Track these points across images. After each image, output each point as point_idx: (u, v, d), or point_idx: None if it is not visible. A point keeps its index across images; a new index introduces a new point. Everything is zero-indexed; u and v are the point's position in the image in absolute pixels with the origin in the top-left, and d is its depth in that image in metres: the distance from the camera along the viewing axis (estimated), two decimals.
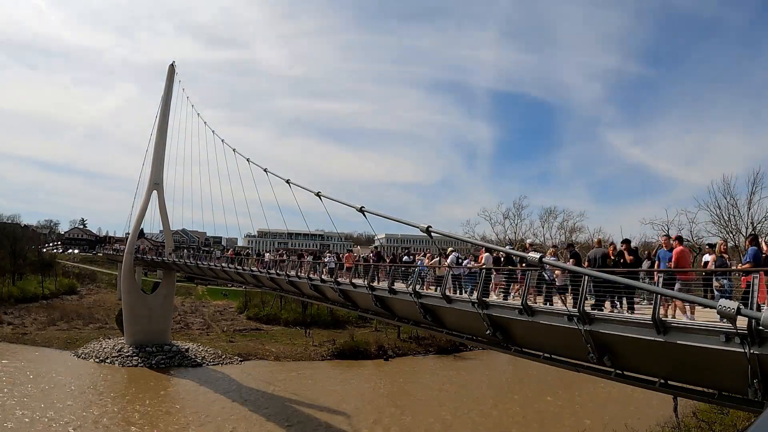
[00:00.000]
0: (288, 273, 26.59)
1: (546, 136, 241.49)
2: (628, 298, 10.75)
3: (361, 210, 9.51)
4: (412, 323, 19.06)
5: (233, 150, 42.38)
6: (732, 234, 30.71)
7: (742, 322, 7.48)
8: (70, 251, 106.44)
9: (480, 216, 70.95)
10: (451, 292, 15.04)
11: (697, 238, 33.56)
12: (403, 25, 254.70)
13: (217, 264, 38.13)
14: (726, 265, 11.06)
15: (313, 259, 27.07)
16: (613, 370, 10.73)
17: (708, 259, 11.67)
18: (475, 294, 13.34)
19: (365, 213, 9.60)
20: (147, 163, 52.76)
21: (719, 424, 22.27)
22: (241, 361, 46.63)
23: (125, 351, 44.52)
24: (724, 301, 2.48)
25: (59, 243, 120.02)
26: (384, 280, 18.62)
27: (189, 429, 29.22)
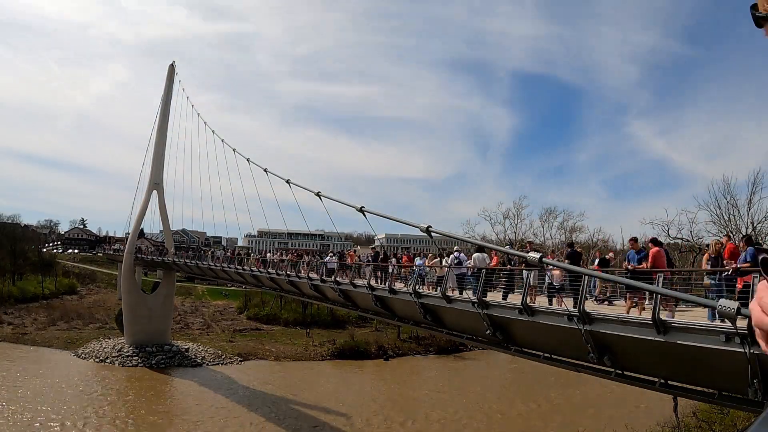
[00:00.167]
0: (288, 273, 26.61)
1: (568, 126, 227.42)
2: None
3: (361, 210, 9.47)
4: (412, 323, 19.09)
5: (233, 150, 42.90)
6: (732, 234, 30.69)
7: (741, 322, 7.49)
8: (70, 251, 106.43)
9: (480, 216, 71.00)
10: (453, 292, 15.06)
11: (697, 238, 33.58)
12: None
13: (217, 264, 38.17)
14: (721, 265, 11.06)
15: (315, 257, 27.07)
16: (613, 370, 10.75)
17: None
18: (475, 293, 13.36)
19: (365, 213, 9.58)
20: (147, 163, 52.90)
21: (719, 424, 22.28)
22: (241, 361, 46.63)
23: (125, 351, 44.54)
24: (724, 301, 2.47)
25: (59, 243, 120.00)
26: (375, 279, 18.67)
27: (189, 429, 29.23)
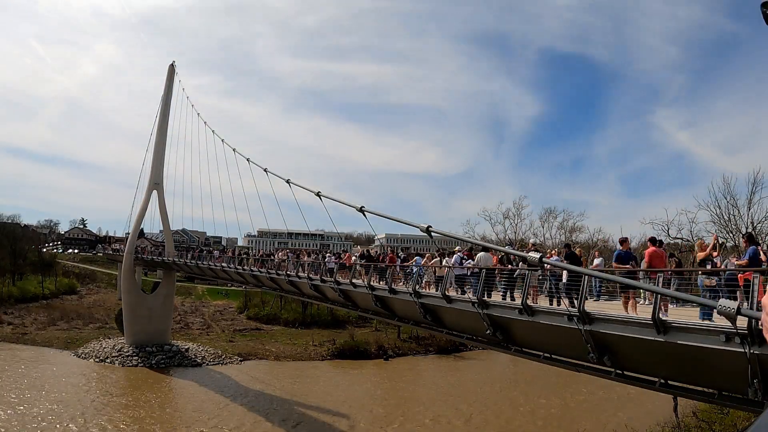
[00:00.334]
0: (288, 273, 26.61)
1: (591, 114, 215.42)
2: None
3: (361, 210, 9.47)
4: (412, 323, 19.10)
5: (233, 150, 43.09)
6: (732, 234, 30.71)
7: (741, 322, 7.48)
8: (70, 251, 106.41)
9: (480, 216, 71.07)
10: (454, 292, 15.06)
11: (696, 238, 33.56)
12: None
13: (217, 264, 38.19)
14: (714, 264, 11.08)
15: (315, 257, 27.07)
16: (613, 370, 10.74)
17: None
18: (475, 293, 13.36)
19: (365, 213, 9.58)
20: (147, 163, 52.94)
21: (719, 424, 22.28)
22: (241, 360, 46.63)
23: (125, 351, 44.54)
24: (724, 301, 2.47)
25: (59, 243, 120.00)
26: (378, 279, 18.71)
27: (189, 429, 29.22)
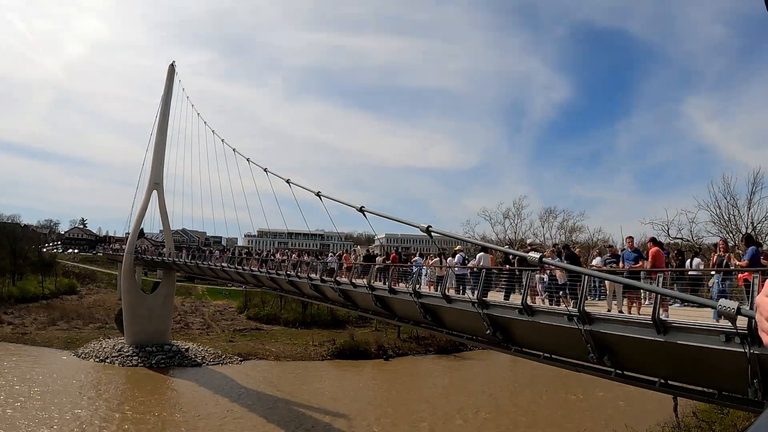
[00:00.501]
0: (288, 273, 26.62)
1: (618, 100, 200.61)
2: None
3: (361, 210, 9.49)
4: (412, 323, 19.09)
5: (233, 150, 43.24)
6: (732, 234, 30.69)
7: (741, 322, 7.48)
8: (70, 251, 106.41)
9: (480, 216, 71.06)
10: (455, 292, 15.06)
11: (697, 238, 33.56)
12: None
13: (217, 264, 38.20)
14: (726, 265, 11.05)
15: (316, 257, 27.09)
16: (613, 370, 10.74)
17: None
18: (476, 293, 13.36)
19: (365, 213, 9.59)
20: (147, 163, 52.94)
21: (719, 424, 22.26)
22: (241, 360, 46.62)
23: (125, 351, 44.54)
24: (724, 301, 2.48)
25: (59, 243, 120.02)
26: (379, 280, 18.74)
27: (188, 429, 29.22)
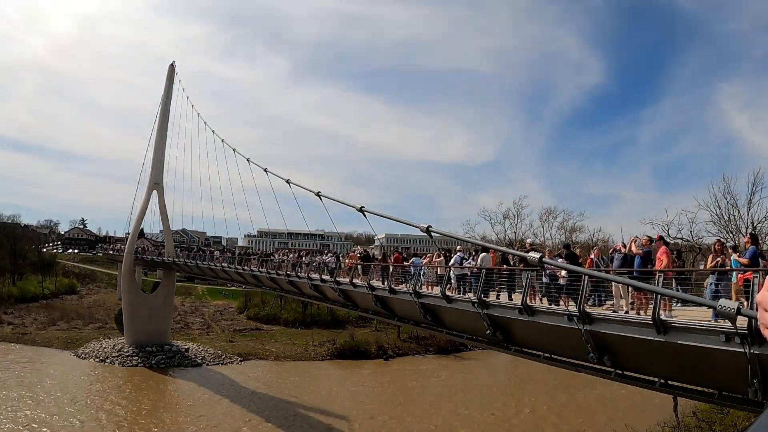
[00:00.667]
0: (288, 273, 26.62)
1: (649, 84, 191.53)
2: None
3: (361, 210, 9.51)
4: (412, 323, 19.09)
5: (233, 150, 43.45)
6: (732, 234, 30.68)
7: (741, 322, 7.48)
8: (70, 251, 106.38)
9: (480, 216, 71.05)
10: (456, 292, 15.04)
11: (697, 238, 33.56)
12: None
13: (217, 264, 38.20)
14: (723, 266, 11.03)
15: (311, 257, 27.11)
16: (613, 370, 10.74)
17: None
18: (475, 293, 13.35)
19: (365, 213, 9.61)
20: (147, 162, 52.94)
21: (719, 424, 22.26)
22: (241, 361, 46.62)
23: (125, 351, 44.52)
24: (724, 301, 2.47)
25: (59, 243, 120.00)
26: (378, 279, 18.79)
27: (188, 429, 29.21)
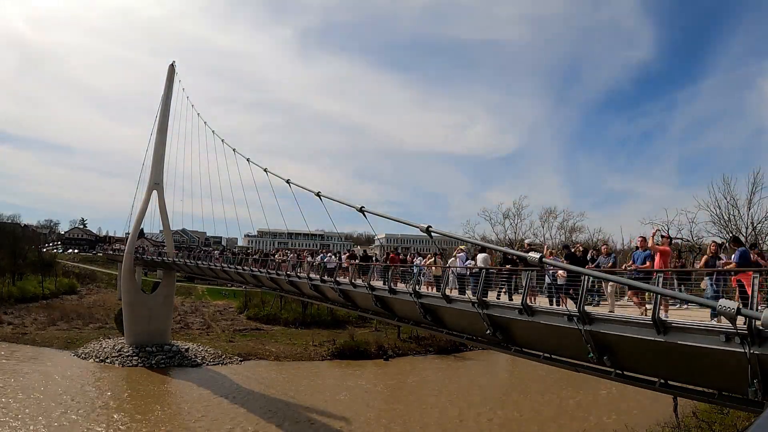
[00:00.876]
0: (288, 273, 26.63)
1: (692, 61, 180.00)
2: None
3: (361, 210, 9.52)
4: (412, 323, 19.09)
5: (233, 150, 43.30)
6: (732, 234, 30.66)
7: (739, 321, 7.48)
8: (70, 251, 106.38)
9: (480, 216, 71.01)
10: (458, 293, 15.04)
11: (697, 239, 33.52)
12: None
13: (217, 264, 38.19)
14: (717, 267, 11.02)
15: (311, 256, 27.11)
16: (613, 370, 10.73)
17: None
18: (474, 293, 13.34)
19: (365, 213, 9.63)
20: (147, 163, 52.90)
21: (719, 424, 22.26)
22: (241, 361, 46.62)
23: (125, 351, 44.52)
24: (724, 301, 2.48)
25: (59, 243, 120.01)
26: (378, 280, 18.83)
27: (188, 429, 29.21)
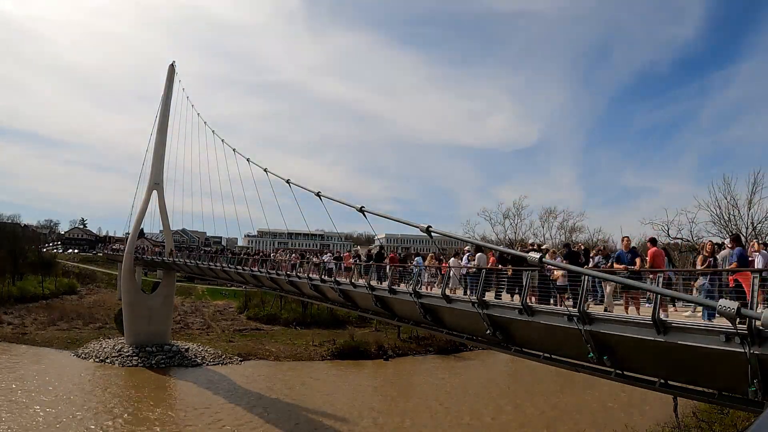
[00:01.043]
0: (288, 273, 26.62)
1: (741, 32, 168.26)
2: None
3: (361, 210, 9.53)
4: (412, 323, 19.08)
5: (233, 150, 43.30)
6: (732, 233, 30.62)
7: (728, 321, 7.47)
8: (70, 251, 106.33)
9: (480, 216, 70.99)
10: (459, 293, 15.03)
11: (696, 239, 33.50)
12: None
13: (217, 264, 38.15)
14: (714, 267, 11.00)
15: (316, 257, 27.07)
16: (613, 370, 10.73)
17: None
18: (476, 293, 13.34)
19: (365, 213, 9.63)
20: (147, 163, 52.94)
21: (719, 424, 22.26)
22: (240, 360, 46.63)
23: (125, 351, 44.53)
24: (724, 301, 2.47)
25: (59, 243, 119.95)
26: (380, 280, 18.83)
27: (188, 429, 29.20)
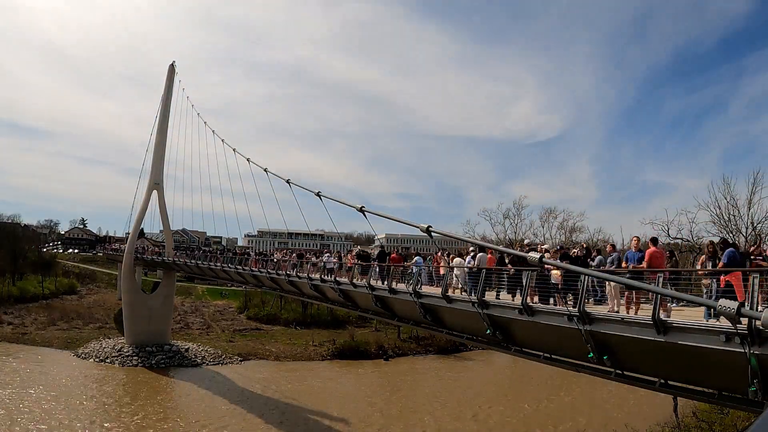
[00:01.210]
0: (288, 273, 26.63)
1: None
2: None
3: (361, 210, 9.53)
4: (412, 323, 19.09)
5: (233, 150, 43.34)
6: (732, 234, 30.63)
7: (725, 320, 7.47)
8: (70, 251, 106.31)
9: (480, 216, 71.11)
10: (459, 293, 15.05)
11: (697, 239, 33.51)
12: None
13: (217, 264, 38.18)
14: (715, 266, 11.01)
15: (315, 257, 27.08)
16: (613, 370, 10.74)
17: None
18: (476, 293, 13.35)
19: (365, 213, 9.63)
20: (147, 163, 52.94)
21: (719, 424, 22.26)
22: (240, 361, 46.62)
23: (125, 351, 44.52)
24: (723, 301, 2.48)
25: (59, 243, 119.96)
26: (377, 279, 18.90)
27: (188, 429, 29.19)
